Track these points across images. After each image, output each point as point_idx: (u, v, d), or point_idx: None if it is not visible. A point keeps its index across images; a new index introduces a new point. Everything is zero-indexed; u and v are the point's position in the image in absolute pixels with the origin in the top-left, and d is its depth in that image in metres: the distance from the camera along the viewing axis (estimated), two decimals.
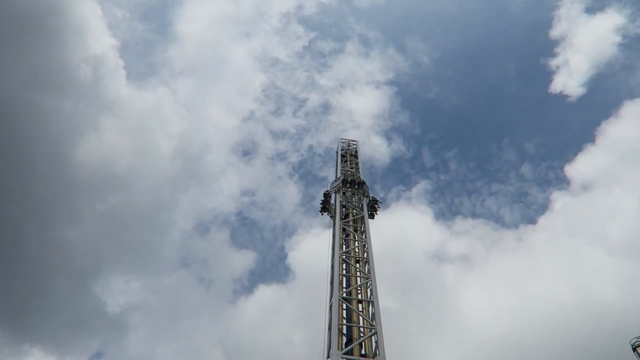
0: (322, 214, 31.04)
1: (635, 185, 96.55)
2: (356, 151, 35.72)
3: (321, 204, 30.99)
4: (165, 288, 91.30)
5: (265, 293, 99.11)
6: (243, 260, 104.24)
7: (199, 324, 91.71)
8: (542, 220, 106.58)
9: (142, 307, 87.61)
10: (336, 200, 29.56)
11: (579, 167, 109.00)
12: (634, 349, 50.53)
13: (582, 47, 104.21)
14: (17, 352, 72.63)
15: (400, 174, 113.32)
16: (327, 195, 31.11)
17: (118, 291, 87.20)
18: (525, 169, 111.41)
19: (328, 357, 18.73)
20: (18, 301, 69.06)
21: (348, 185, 30.69)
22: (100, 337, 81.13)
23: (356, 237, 26.14)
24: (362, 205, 29.25)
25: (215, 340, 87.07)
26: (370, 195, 30.77)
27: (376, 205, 30.52)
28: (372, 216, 29.60)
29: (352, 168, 33.40)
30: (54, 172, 74.12)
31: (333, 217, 28.68)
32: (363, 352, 19.52)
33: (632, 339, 50.89)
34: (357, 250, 25.22)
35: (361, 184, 30.91)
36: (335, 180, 32.06)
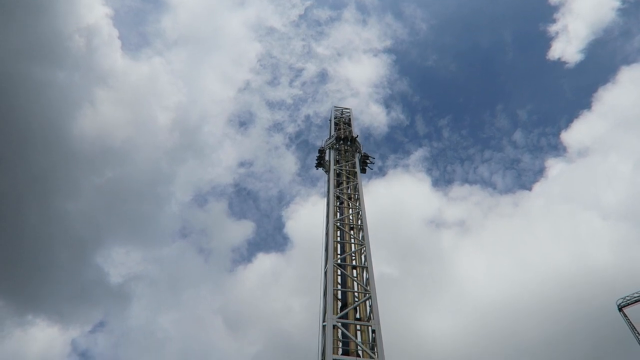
0: (317, 169, 32.65)
1: (631, 151, 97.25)
2: (349, 119, 35.74)
3: (316, 159, 32.43)
4: (165, 258, 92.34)
5: (264, 262, 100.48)
6: (241, 230, 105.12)
7: (200, 293, 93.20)
8: (538, 186, 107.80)
9: (143, 277, 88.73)
10: (330, 156, 30.86)
11: (575, 134, 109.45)
12: (620, 309, 52.19)
13: (582, 12, 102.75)
14: (22, 323, 73.84)
15: (399, 141, 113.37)
16: (322, 152, 32.51)
17: (119, 262, 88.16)
18: (518, 135, 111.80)
19: (324, 321, 19.22)
20: (21, 272, 69.69)
21: (341, 141, 31.88)
22: (103, 307, 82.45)
23: (350, 204, 26.37)
24: (355, 161, 30.58)
25: (215, 309, 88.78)
26: (362, 151, 31.94)
27: (367, 161, 31.68)
28: (363, 171, 30.93)
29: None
30: (51, 145, 73.45)
31: (327, 171, 29.88)
32: (358, 316, 20.02)
33: (618, 300, 52.48)
34: (351, 217, 25.50)
35: (353, 140, 32.13)
36: (330, 137, 33.20)
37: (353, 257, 23.07)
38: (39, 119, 70.12)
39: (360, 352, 17.77)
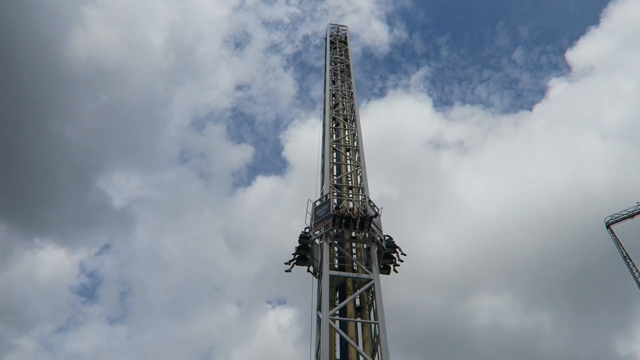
0: (292, 267, 18.98)
1: (638, 69, 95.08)
2: (346, 37, 34.30)
3: (295, 253, 18.80)
4: (166, 182, 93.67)
5: (264, 185, 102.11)
6: (241, 154, 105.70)
7: (202, 215, 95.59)
8: (538, 107, 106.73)
9: (145, 200, 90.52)
10: (323, 253, 17.76)
11: (580, 52, 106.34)
12: (608, 226, 53.92)
13: None
14: (30, 246, 76.46)
15: (396, 61, 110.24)
16: (305, 238, 18.77)
17: (120, 186, 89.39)
18: (518, 54, 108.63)
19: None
20: (25, 197, 70.87)
21: (343, 221, 18.24)
22: (108, 230, 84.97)
23: (346, 126, 26.15)
24: (371, 255, 18.06)
25: (217, 231, 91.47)
26: (385, 236, 19.06)
27: (395, 255, 19.01)
28: (385, 270, 18.90)
29: (341, 55, 32.27)
30: (44, 68, 71.68)
31: (317, 275, 18.32)
32: (353, 235, 20.52)
33: (606, 217, 54.06)
34: (347, 139, 25.40)
35: (367, 220, 18.26)
36: (321, 203, 19.71)
37: (349, 179, 23.26)
38: (28, 41, 67.58)
39: (355, 268, 18.43)
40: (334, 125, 26.26)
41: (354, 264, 18.49)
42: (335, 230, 18.37)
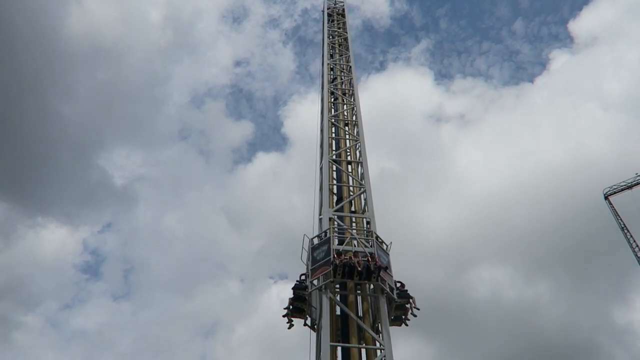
0: (291, 322, 16.52)
1: None
2: (343, 9, 33.70)
3: (287, 307, 16.46)
4: (167, 160, 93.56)
5: (264, 161, 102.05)
6: (240, 131, 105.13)
7: (203, 193, 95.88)
8: (540, 79, 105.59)
9: (146, 178, 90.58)
10: (322, 306, 15.74)
11: (583, 22, 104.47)
12: (606, 197, 54.12)
13: None
14: (33, 225, 76.86)
15: (395, 34, 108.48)
16: (300, 289, 16.44)
17: (120, 164, 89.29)
18: (518, 25, 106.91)
19: (320, 215, 19.89)
20: (27, 176, 70.89)
21: (345, 271, 15.87)
22: (110, 209, 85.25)
23: (345, 100, 25.98)
24: (379, 307, 15.82)
25: (218, 208, 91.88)
26: (396, 283, 16.87)
27: (409, 306, 16.71)
28: (397, 321, 16.81)
29: (339, 28, 31.77)
30: (41, 46, 70.57)
31: (316, 327, 16.10)
32: (353, 209, 20.67)
33: (605, 189, 54.20)
34: (345, 113, 25.28)
35: (374, 272, 15.88)
36: (320, 242, 17.31)
37: (348, 153, 23.28)
38: (24, 19, 66.51)
39: (355, 242, 18.56)
40: (333, 99, 26.10)
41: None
42: (336, 279, 15.93)
